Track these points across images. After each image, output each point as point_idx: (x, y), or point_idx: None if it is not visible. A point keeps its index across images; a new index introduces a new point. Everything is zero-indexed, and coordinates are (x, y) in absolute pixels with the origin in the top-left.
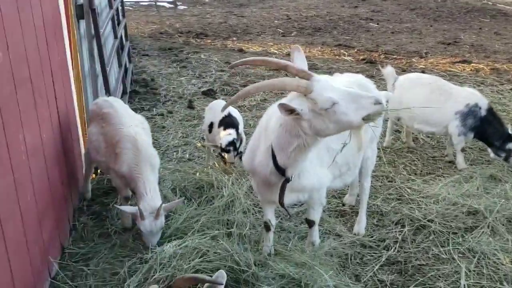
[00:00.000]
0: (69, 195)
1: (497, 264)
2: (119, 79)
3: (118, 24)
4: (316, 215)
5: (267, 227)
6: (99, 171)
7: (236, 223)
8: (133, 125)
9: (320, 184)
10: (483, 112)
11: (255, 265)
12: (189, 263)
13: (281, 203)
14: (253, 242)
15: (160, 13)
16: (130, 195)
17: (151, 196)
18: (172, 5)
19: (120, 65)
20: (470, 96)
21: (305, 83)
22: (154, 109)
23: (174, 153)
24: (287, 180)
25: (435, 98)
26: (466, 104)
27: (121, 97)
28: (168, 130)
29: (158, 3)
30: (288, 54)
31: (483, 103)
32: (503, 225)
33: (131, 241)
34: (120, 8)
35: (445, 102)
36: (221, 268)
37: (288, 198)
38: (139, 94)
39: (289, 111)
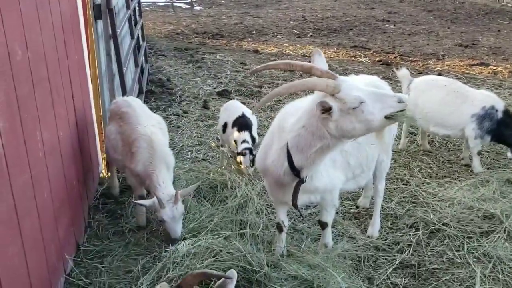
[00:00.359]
0: (85, 193)
1: None
2: (136, 79)
3: (135, 24)
4: (329, 217)
5: (279, 228)
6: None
7: (249, 224)
8: (150, 125)
9: (332, 186)
10: (499, 115)
11: (267, 265)
12: (202, 263)
13: (294, 204)
14: (265, 242)
15: (177, 14)
16: (145, 194)
17: (165, 186)
18: (188, 6)
19: (136, 65)
20: (486, 98)
21: (333, 82)
22: (169, 109)
23: (189, 153)
24: (301, 181)
25: (451, 101)
26: (483, 107)
27: (137, 97)
28: (183, 130)
29: (175, 4)
30: (304, 55)
31: (500, 105)
32: None
33: (145, 240)
34: (137, 8)
35: (461, 105)
36: (233, 268)
37: (300, 199)
38: (155, 94)
39: (326, 109)
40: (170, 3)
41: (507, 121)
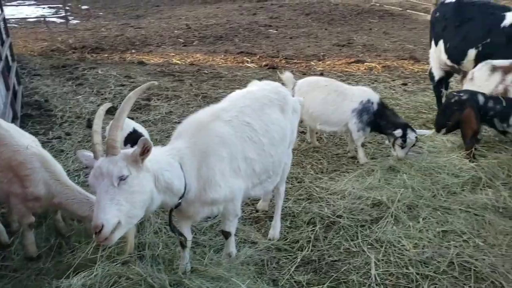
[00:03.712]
0: None
1: (402, 250)
2: (8, 103)
3: (2, 44)
4: (231, 226)
5: (182, 245)
6: None
7: (147, 245)
8: (29, 146)
9: (233, 195)
10: (375, 106)
11: (170, 286)
12: None
13: (170, 226)
14: (167, 261)
15: (50, 29)
16: (34, 220)
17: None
18: (63, 20)
19: (7, 88)
20: (363, 93)
21: None
22: (50, 132)
23: (76, 178)
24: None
25: (332, 99)
26: (360, 101)
27: (12, 122)
28: (67, 154)
29: (48, 19)
30: (192, 64)
31: (375, 98)
32: (404, 213)
33: (33, 278)
34: (2, 26)
35: (342, 102)
36: None
37: (202, 213)
38: (32, 117)
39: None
40: (42, 19)
41: (381, 112)
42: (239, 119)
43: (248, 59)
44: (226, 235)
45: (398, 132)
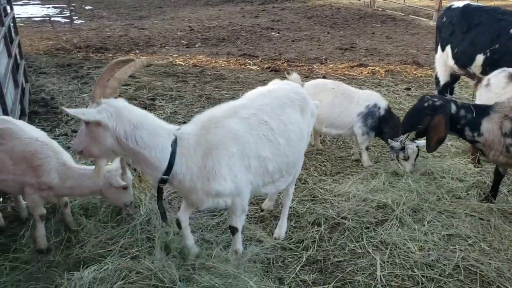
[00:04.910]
0: None
1: (407, 252)
2: (17, 100)
3: (11, 42)
4: (238, 222)
5: (178, 224)
6: (1, 199)
7: (158, 236)
8: (39, 136)
9: (239, 190)
10: (381, 112)
11: (180, 280)
12: (111, 287)
13: (158, 202)
14: (178, 257)
15: (56, 29)
16: (45, 212)
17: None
18: (67, 20)
19: (16, 85)
20: (370, 97)
21: None
22: (56, 129)
23: None
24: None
25: (339, 102)
26: (367, 105)
27: (20, 119)
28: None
29: (53, 18)
30: (195, 65)
31: (382, 103)
32: (409, 216)
33: (44, 270)
34: (12, 25)
35: (348, 105)
36: None
37: (207, 203)
38: (39, 114)
39: None
40: (47, 18)
41: (387, 118)
42: (257, 117)
43: (250, 62)
44: (233, 231)
45: (397, 145)
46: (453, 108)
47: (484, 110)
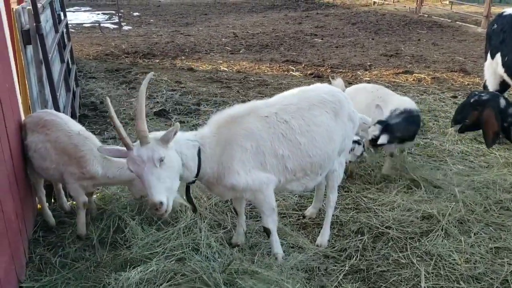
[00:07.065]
0: (24, 226)
1: (453, 264)
2: (68, 104)
3: (64, 47)
4: (269, 221)
5: (236, 212)
6: (53, 200)
7: (203, 236)
8: (81, 130)
9: (258, 186)
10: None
11: (224, 284)
12: None
13: (187, 197)
14: (224, 258)
15: (105, 34)
16: (86, 200)
17: None
18: (116, 26)
19: (68, 89)
20: (398, 102)
21: None
22: (105, 132)
23: None
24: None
25: (374, 106)
26: (390, 110)
27: None
28: None
29: (102, 24)
30: (238, 71)
31: (412, 108)
32: (455, 227)
33: (92, 270)
34: (64, 31)
35: (384, 109)
36: None
37: (227, 195)
38: (89, 117)
39: None
40: (97, 24)
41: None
42: (277, 116)
43: (293, 68)
44: (267, 232)
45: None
46: (502, 103)
47: None
